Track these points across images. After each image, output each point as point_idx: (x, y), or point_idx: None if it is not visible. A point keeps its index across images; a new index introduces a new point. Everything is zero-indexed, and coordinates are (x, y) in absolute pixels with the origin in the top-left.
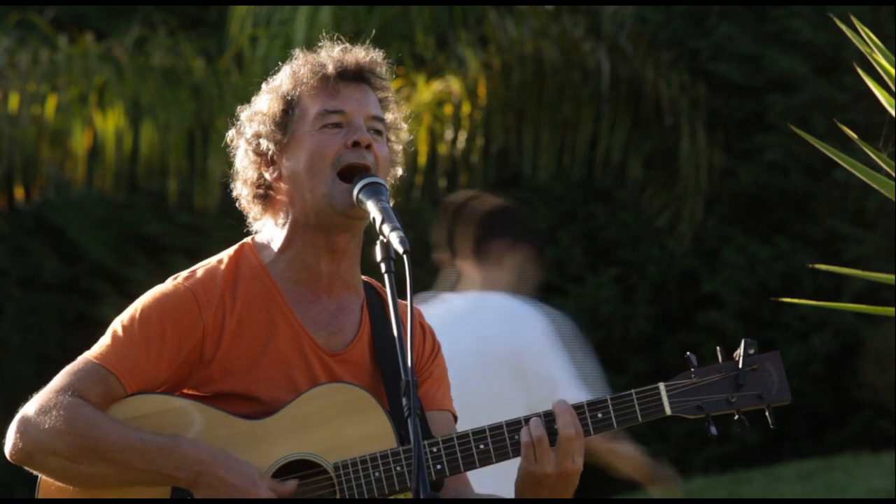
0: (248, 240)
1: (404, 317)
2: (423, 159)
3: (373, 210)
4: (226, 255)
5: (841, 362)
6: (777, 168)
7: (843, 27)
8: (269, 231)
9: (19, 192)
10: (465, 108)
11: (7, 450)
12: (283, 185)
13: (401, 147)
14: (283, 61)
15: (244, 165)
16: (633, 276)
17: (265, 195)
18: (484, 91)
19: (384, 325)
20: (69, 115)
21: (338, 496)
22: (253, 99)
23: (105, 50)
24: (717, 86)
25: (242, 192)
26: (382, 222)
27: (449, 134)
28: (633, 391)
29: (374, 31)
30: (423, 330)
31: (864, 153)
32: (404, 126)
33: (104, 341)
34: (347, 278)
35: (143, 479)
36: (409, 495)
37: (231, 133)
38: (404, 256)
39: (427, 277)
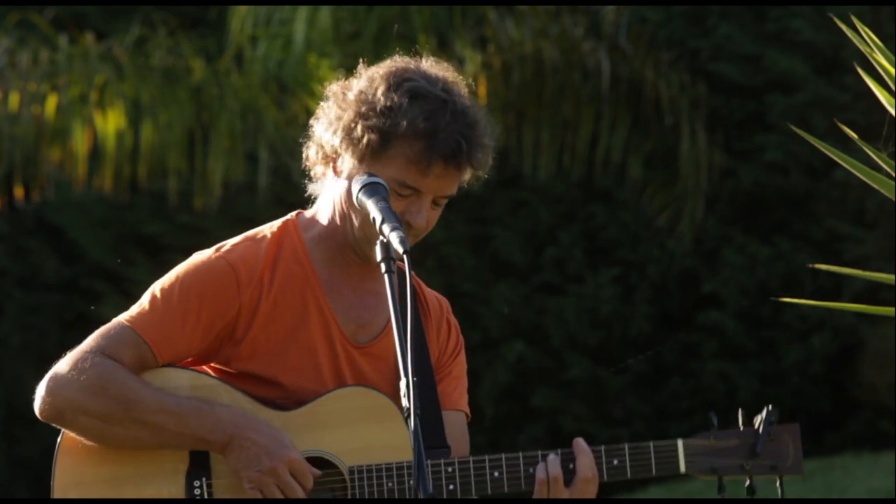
0: (293, 215)
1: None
2: None
3: (373, 210)
4: (270, 230)
5: (841, 362)
6: (777, 168)
7: (843, 27)
8: (316, 208)
9: (19, 192)
10: None
11: (36, 407)
12: (339, 184)
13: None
14: (283, 62)
15: (322, 138)
16: (633, 276)
17: (331, 160)
18: (484, 91)
19: (415, 317)
20: (69, 115)
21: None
22: (366, 80)
23: (105, 50)
24: (717, 86)
25: (311, 152)
26: (382, 222)
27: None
28: (651, 443)
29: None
30: (448, 325)
31: (864, 153)
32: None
33: (142, 306)
34: (380, 274)
35: (173, 442)
36: None
37: (329, 103)
38: (404, 256)
39: (427, 277)
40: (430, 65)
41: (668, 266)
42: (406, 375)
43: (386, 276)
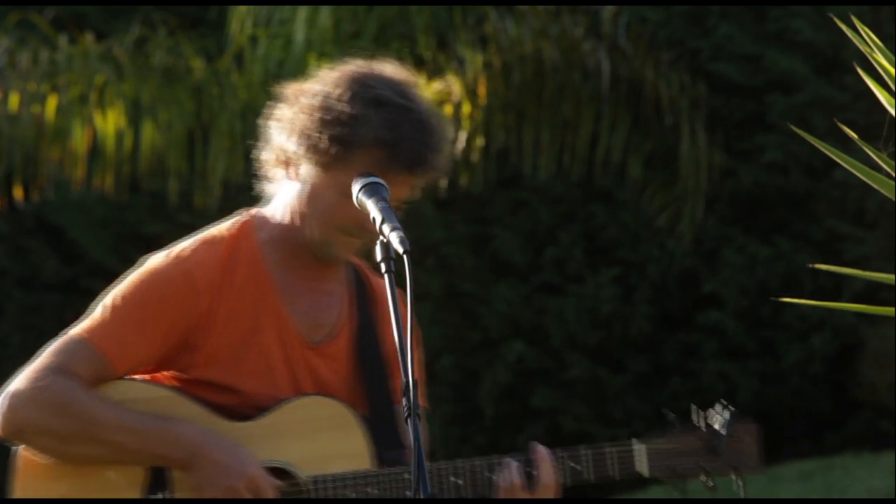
0: (250, 214)
1: (405, 318)
2: None
3: (373, 210)
4: (227, 230)
5: (841, 362)
6: (777, 168)
7: (843, 27)
8: (273, 208)
9: (19, 193)
10: (465, 108)
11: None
12: (296, 186)
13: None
14: (283, 62)
15: (280, 144)
16: (633, 276)
17: (286, 162)
18: (484, 91)
19: (366, 312)
20: (69, 115)
21: None
22: (325, 86)
23: (105, 50)
24: (717, 86)
25: (268, 157)
26: (382, 222)
27: (449, 134)
28: (612, 447)
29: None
30: None
31: (864, 153)
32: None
33: (98, 317)
34: (337, 273)
35: (133, 459)
36: None
37: (286, 108)
38: (404, 256)
39: (427, 277)
40: (389, 68)
41: (668, 266)
42: (406, 375)
43: (386, 276)
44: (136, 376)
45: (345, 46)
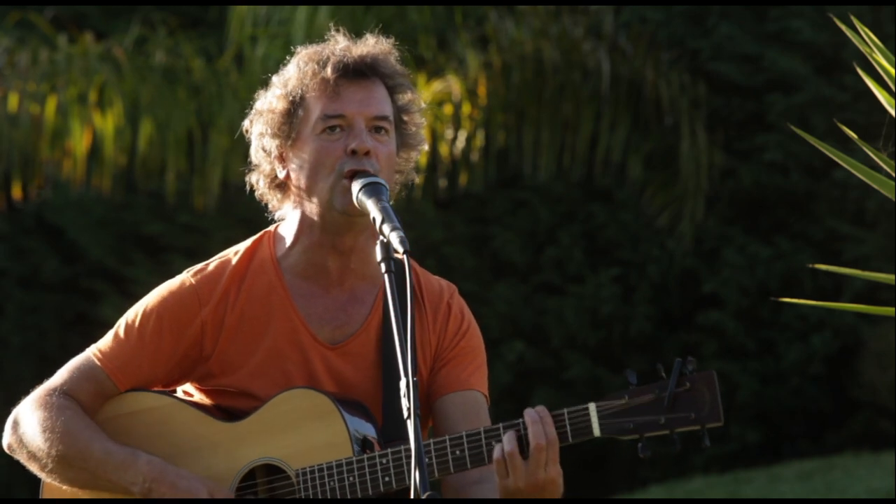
0: (271, 228)
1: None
2: (423, 159)
3: (373, 210)
4: (244, 245)
5: (841, 362)
6: (777, 168)
7: (843, 27)
8: (289, 221)
9: (18, 192)
10: (465, 108)
11: (4, 441)
12: (292, 184)
13: (418, 127)
14: (283, 61)
15: (258, 158)
16: (633, 276)
17: (282, 184)
18: (484, 91)
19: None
20: (68, 115)
21: None
22: (267, 87)
23: (105, 50)
24: (717, 86)
25: (259, 182)
26: (382, 222)
27: (449, 134)
28: (565, 410)
29: (378, 30)
30: (448, 309)
31: (864, 153)
32: (421, 106)
33: (108, 336)
34: (360, 270)
35: (109, 487)
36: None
37: (246, 123)
38: (404, 256)
39: None
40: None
41: (668, 266)
42: (406, 375)
43: (386, 277)
44: (144, 388)
45: None
